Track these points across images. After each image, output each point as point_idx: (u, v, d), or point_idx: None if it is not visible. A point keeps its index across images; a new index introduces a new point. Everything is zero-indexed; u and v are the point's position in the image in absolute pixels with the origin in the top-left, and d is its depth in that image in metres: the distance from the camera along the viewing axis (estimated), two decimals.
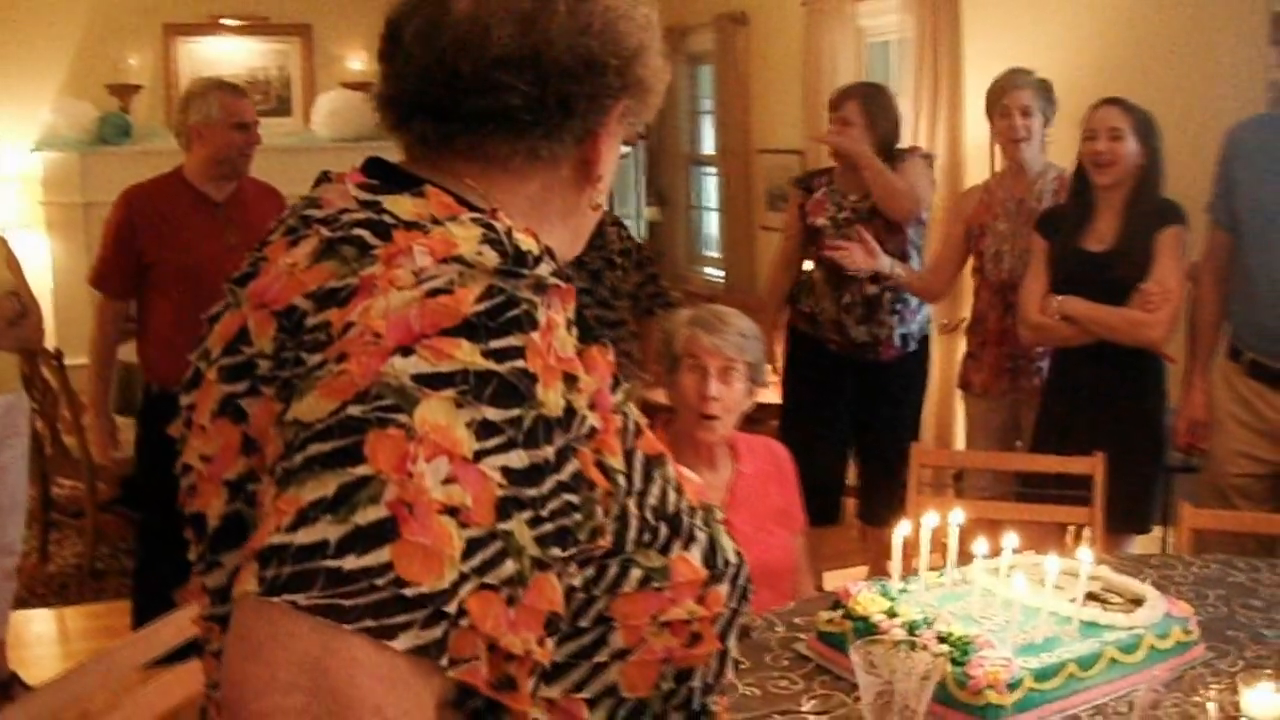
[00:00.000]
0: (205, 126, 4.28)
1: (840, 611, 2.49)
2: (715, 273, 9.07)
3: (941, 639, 2.29)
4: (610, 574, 1.20)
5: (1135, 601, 2.56)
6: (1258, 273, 3.77)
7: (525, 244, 1.17)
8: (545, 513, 1.06)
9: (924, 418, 5.91)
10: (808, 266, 5.05)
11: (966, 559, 2.66)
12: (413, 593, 0.97)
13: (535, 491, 1.05)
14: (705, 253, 9.48)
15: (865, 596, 2.50)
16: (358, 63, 9.15)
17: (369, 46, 8.94)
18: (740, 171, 8.25)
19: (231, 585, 1.06)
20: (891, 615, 2.42)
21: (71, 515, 6.05)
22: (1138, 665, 2.38)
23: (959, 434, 5.78)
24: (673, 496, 1.29)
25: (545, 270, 1.16)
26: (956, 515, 2.71)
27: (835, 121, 4.79)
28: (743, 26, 8.14)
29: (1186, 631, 2.51)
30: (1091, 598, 2.55)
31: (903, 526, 2.65)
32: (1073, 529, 4.15)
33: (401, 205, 1.19)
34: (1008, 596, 2.52)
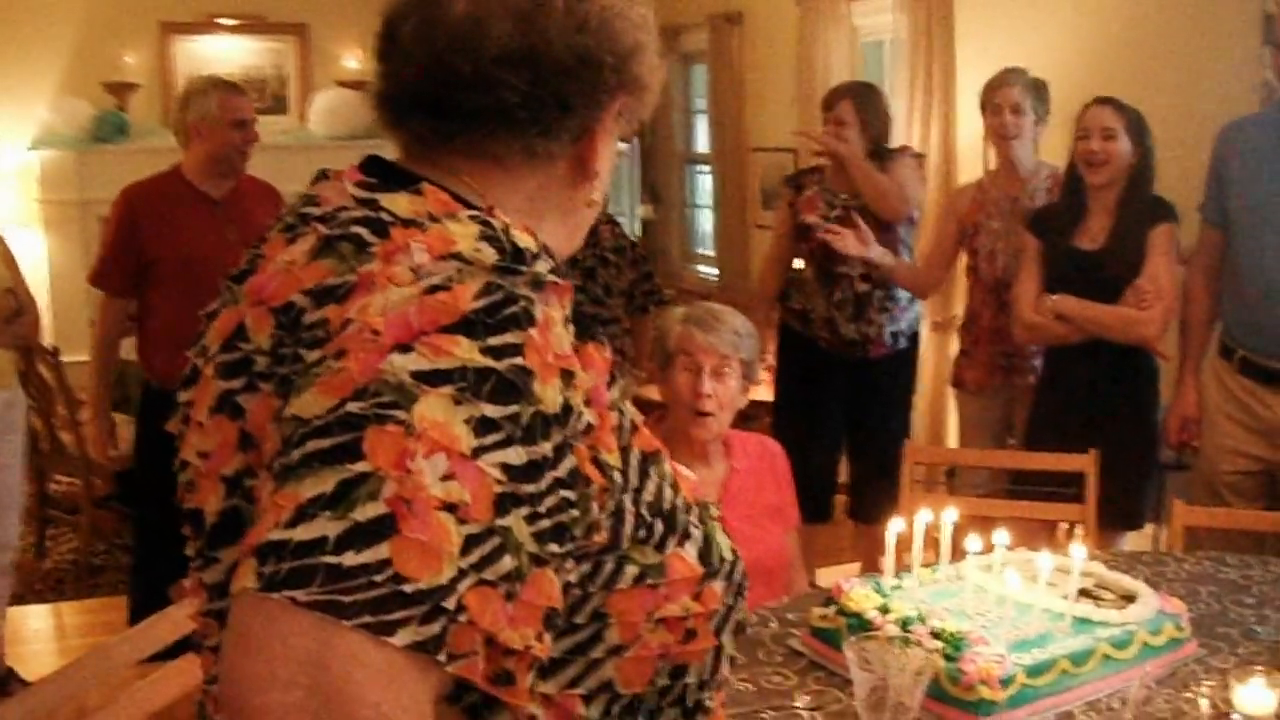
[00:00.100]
0: (204, 124, 4.28)
1: (834, 608, 2.49)
2: (709, 270, 9.06)
3: (935, 635, 2.29)
4: (606, 570, 1.21)
5: (1128, 598, 2.57)
6: (1249, 271, 3.77)
7: (523, 241, 1.17)
8: (543, 509, 1.06)
9: (917, 415, 5.93)
10: (798, 265, 5.05)
11: (959, 555, 2.67)
12: (411, 589, 0.97)
13: (533, 488, 1.05)
14: (699, 251, 9.48)
15: (859, 593, 2.50)
16: (354, 61, 9.15)
17: (365, 45, 8.85)
18: (734, 170, 8.25)
19: (229, 581, 1.06)
20: (885, 611, 2.42)
21: (68, 511, 6.04)
22: (1130, 661, 2.39)
23: (951, 431, 5.79)
24: (668, 493, 1.29)
25: (542, 267, 1.16)
26: (950, 513, 2.71)
27: (830, 121, 4.79)
28: (737, 26, 8.13)
29: (1179, 628, 2.52)
30: (1084, 594, 2.55)
31: (896, 523, 2.65)
32: (1065, 526, 4.17)
33: (399, 203, 1.19)
34: (1001, 593, 2.52)
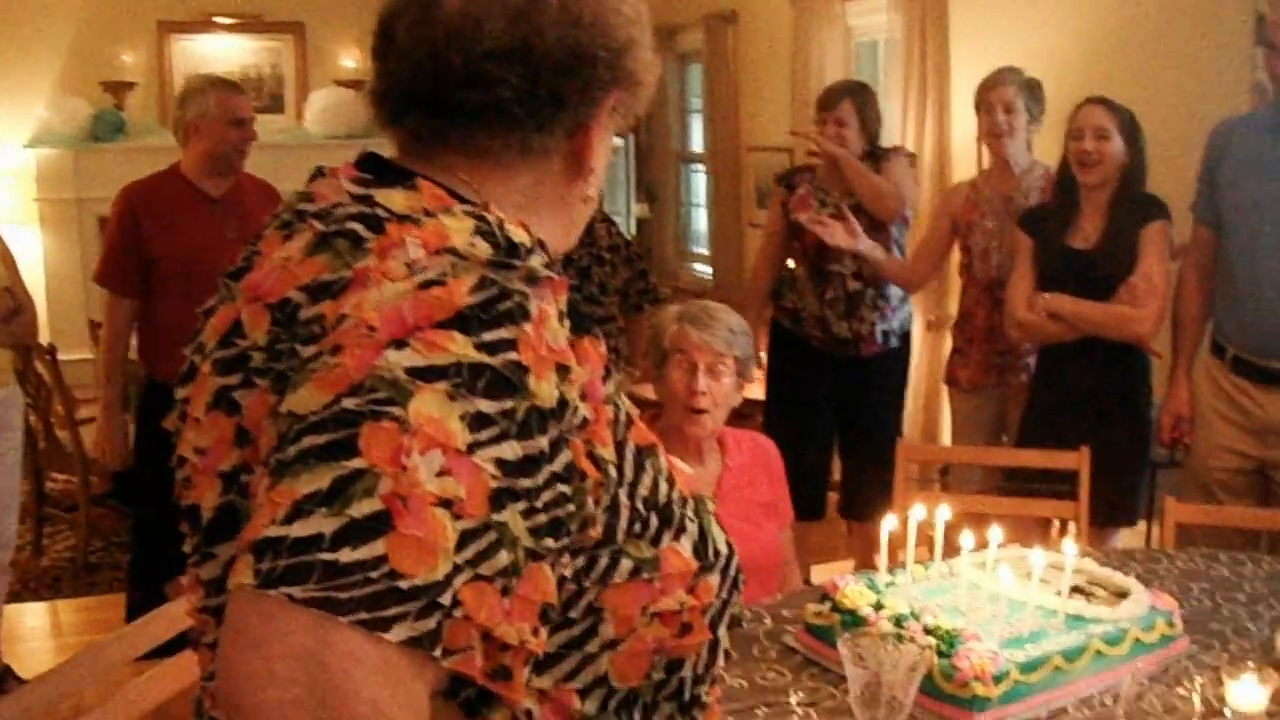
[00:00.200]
0: (202, 122, 4.28)
1: (828, 604, 2.49)
2: (704, 269, 9.08)
3: (928, 632, 2.29)
4: (601, 565, 1.21)
5: (1120, 595, 2.57)
6: (1241, 270, 3.77)
7: (517, 236, 1.18)
8: (539, 504, 1.07)
9: (911, 413, 5.95)
10: (790, 264, 5.05)
11: (953, 553, 2.68)
12: (407, 585, 0.98)
13: (530, 482, 1.06)
14: (694, 249, 9.49)
15: (853, 589, 2.50)
16: (350, 60, 9.15)
17: (361, 44, 8.94)
18: (729, 169, 8.26)
19: (225, 577, 1.07)
20: (878, 608, 2.42)
21: (65, 509, 6.04)
22: (1122, 658, 2.39)
23: (945, 429, 5.80)
24: (664, 487, 1.29)
25: (537, 262, 1.16)
26: (943, 510, 2.72)
27: (830, 122, 4.77)
28: (732, 25, 8.15)
29: (1171, 625, 2.52)
30: (1077, 591, 2.55)
31: (889, 520, 2.66)
32: (1058, 523, 4.18)
33: (394, 198, 1.20)
34: (994, 590, 2.52)
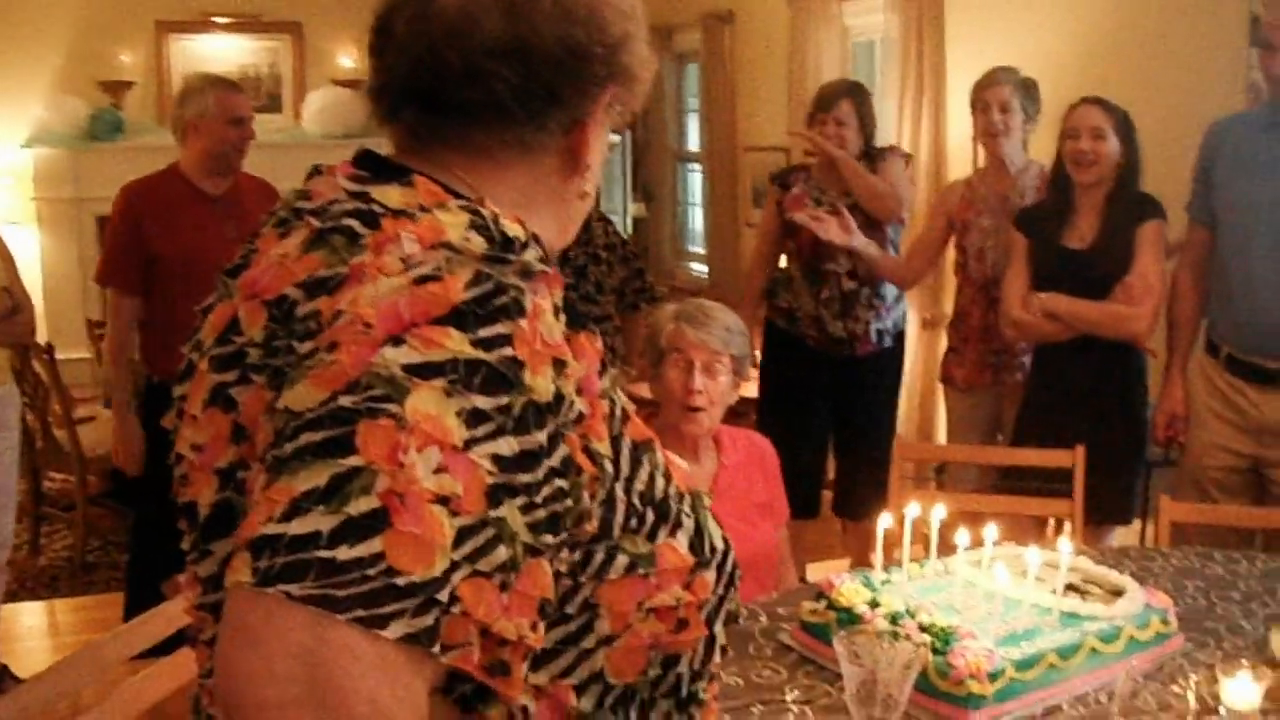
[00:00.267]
0: (201, 120, 4.28)
1: (823, 602, 2.49)
2: (700, 268, 9.10)
3: (923, 629, 2.29)
4: (597, 560, 1.21)
5: (1115, 593, 2.58)
6: (1235, 269, 3.78)
7: (512, 230, 1.18)
8: (539, 499, 1.07)
9: (906, 412, 5.96)
10: (784, 263, 5.05)
11: (948, 551, 2.68)
12: (404, 581, 0.98)
13: (528, 478, 1.06)
14: (690, 248, 9.50)
15: (848, 587, 2.51)
16: (348, 60, 9.17)
17: (359, 44, 8.95)
18: (726, 168, 8.27)
19: (222, 573, 1.07)
20: (874, 606, 2.42)
21: (62, 509, 6.04)
22: (1117, 656, 2.39)
23: (940, 428, 5.81)
24: (660, 482, 1.29)
25: (532, 256, 1.17)
26: (939, 509, 2.72)
27: (829, 122, 4.75)
28: (729, 25, 8.16)
29: (1165, 622, 2.52)
30: (1072, 589, 2.56)
31: (885, 518, 2.66)
32: (1053, 522, 4.18)
33: (389, 195, 1.20)
34: (989, 588, 2.53)
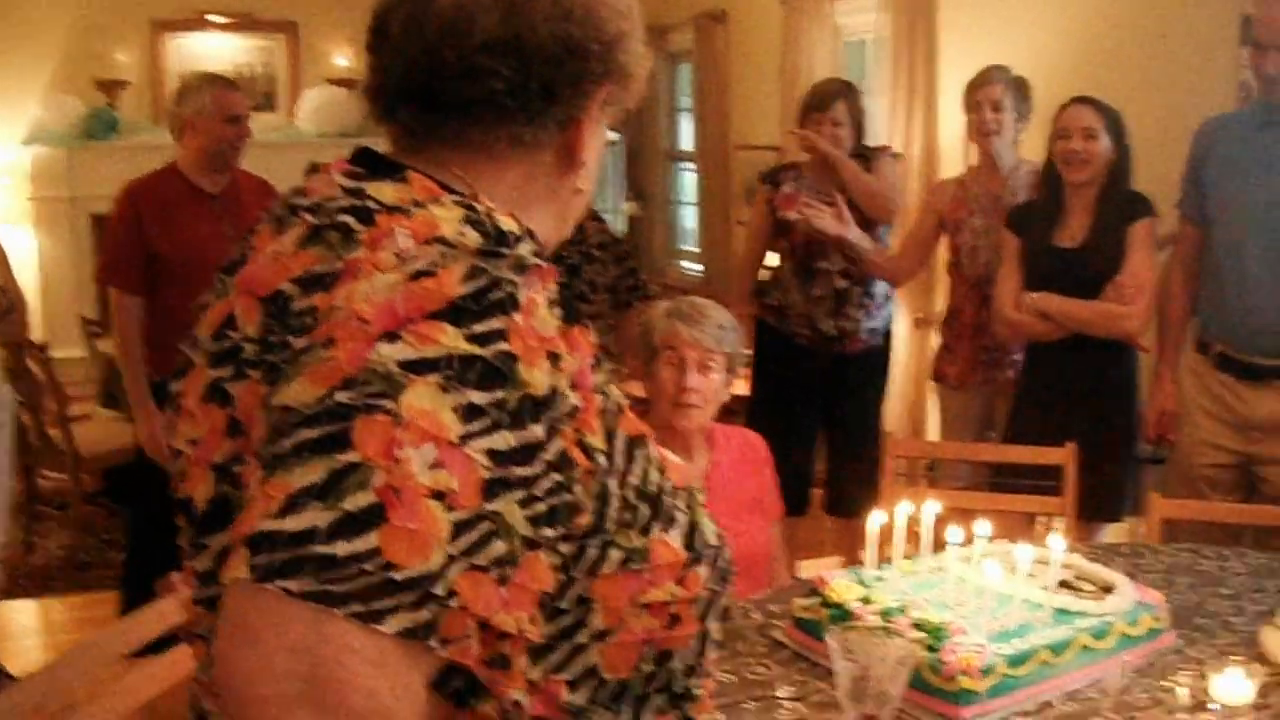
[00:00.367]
0: (197, 118, 4.29)
1: (816, 599, 2.49)
2: (693, 266, 9.10)
3: (916, 626, 2.30)
4: (590, 555, 1.21)
5: (1106, 589, 2.58)
6: (1226, 267, 3.79)
7: (506, 224, 1.18)
8: (538, 492, 1.08)
9: (898, 410, 5.98)
10: (773, 261, 5.05)
11: (940, 547, 2.69)
12: (401, 576, 0.99)
13: (526, 471, 1.06)
14: (683, 247, 9.52)
15: (841, 584, 2.51)
16: (343, 59, 9.16)
17: (354, 43, 8.96)
18: (718, 167, 8.28)
19: (218, 568, 1.08)
20: (867, 602, 2.42)
21: (56, 507, 6.04)
22: (1108, 651, 2.40)
23: (932, 426, 5.81)
24: (655, 477, 1.29)
25: (525, 250, 1.17)
26: (931, 505, 2.72)
27: (825, 122, 4.74)
28: (721, 25, 8.17)
29: (1156, 619, 2.53)
30: (1063, 585, 2.57)
31: (877, 515, 2.66)
32: (1044, 519, 4.19)
33: (384, 191, 1.21)
34: (981, 584, 2.53)
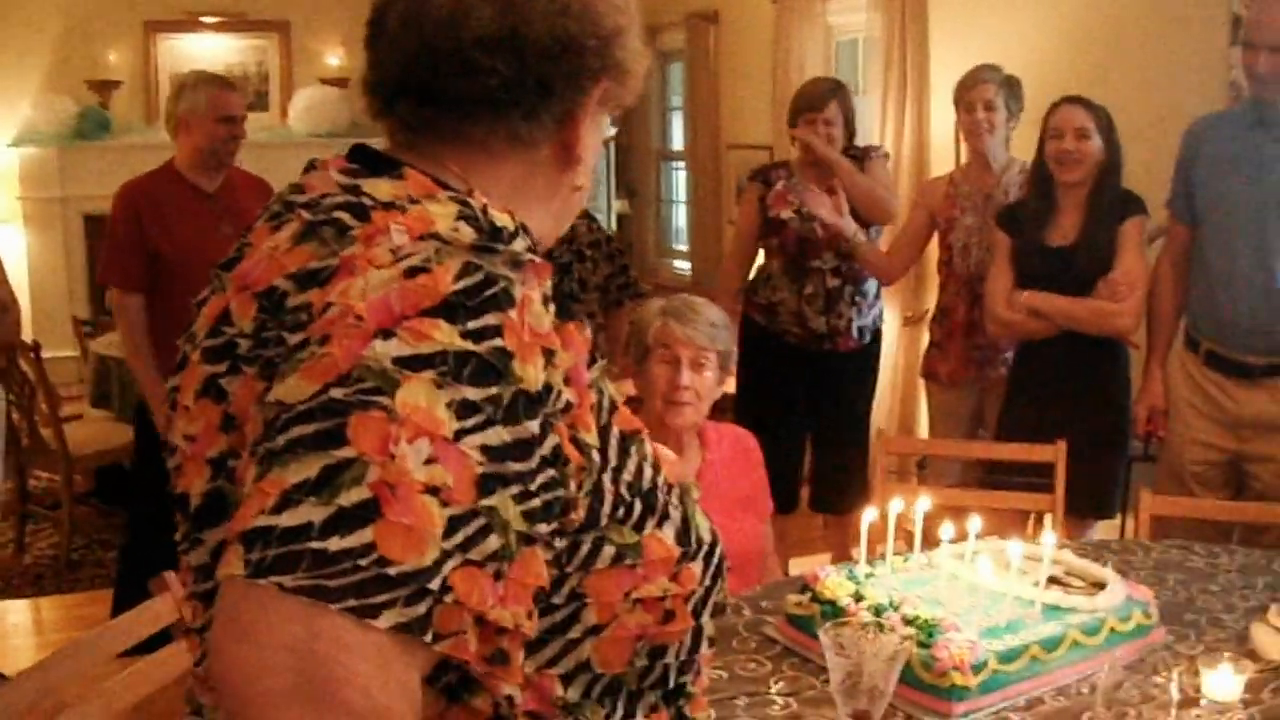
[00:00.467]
0: (192, 117, 4.29)
1: (808, 595, 2.50)
2: (683, 265, 9.12)
3: (907, 622, 2.30)
4: (583, 550, 1.21)
5: (1097, 585, 2.59)
6: (1215, 265, 3.80)
7: (500, 220, 1.19)
8: (534, 487, 1.08)
9: (888, 407, 5.99)
10: (762, 260, 5.04)
11: (932, 545, 2.70)
12: (395, 571, 0.99)
13: (520, 467, 1.07)
14: (674, 245, 9.53)
15: (833, 580, 2.51)
16: (335, 59, 9.16)
17: (346, 43, 8.97)
18: (709, 166, 8.29)
19: (213, 562, 1.09)
20: (858, 599, 2.43)
21: (48, 507, 6.02)
22: (1099, 647, 2.41)
23: (922, 423, 5.82)
24: (648, 473, 1.30)
25: (520, 246, 1.18)
26: (923, 502, 2.73)
27: (819, 122, 4.73)
28: (713, 25, 8.18)
29: (1147, 615, 2.54)
30: (1054, 582, 2.57)
31: (869, 513, 2.67)
32: (1034, 516, 4.20)
33: (380, 187, 1.21)
34: (972, 581, 2.54)
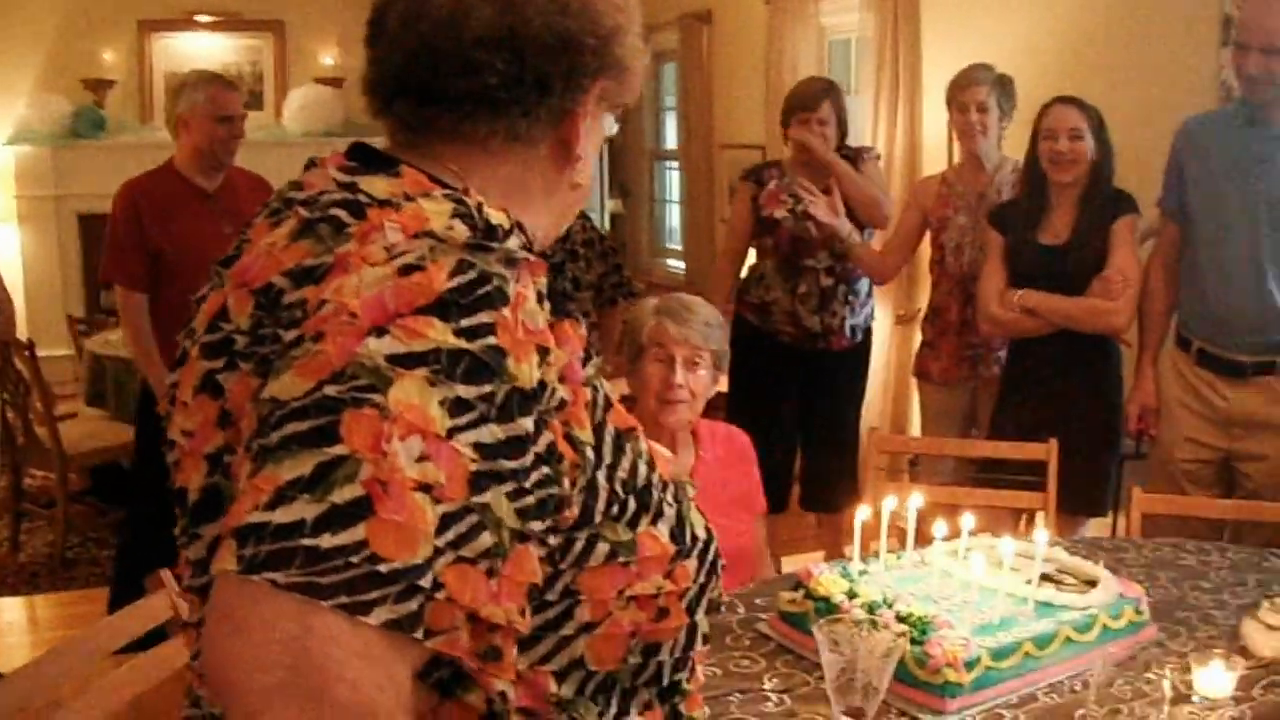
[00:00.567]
0: (191, 116, 4.30)
1: (801, 592, 2.51)
2: (677, 264, 9.12)
3: (901, 619, 2.31)
4: (577, 547, 1.22)
5: (1089, 583, 2.60)
6: (1206, 264, 3.81)
7: (495, 218, 1.19)
8: (528, 484, 1.09)
9: (880, 406, 6.00)
10: (754, 259, 5.04)
11: (925, 542, 2.71)
12: (387, 568, 1.00)
13: (514, 464, 1.07)
14: (667, 245, 9.54)
15: (826, 577, 2.52)
16: (329, 58, 9.16)
17: (341, 42, 8.97)
18: (702, 166, 8.29)
19: (210, 557, 1.09)
20: (852, 596, 2.44)
21: (43, 505, 6.01)
22: (1091, 644, 2.42)
23: (914, 422, 5.83)
24: (643, 470, 1.31)
25: (514, 244, 1.18)
26: (915, 499, 2.74)
27: (813, 122, 4.74)
28: (706, 25, 8.18)
29: (1138, 612, 2.55)
30: (1046, 579, 2.58)
31: (862, 510, 2.67)
32: (1027, 514, 4.21)
33: (376, 185, 1.22)
34: (965, 578, 2.55)
